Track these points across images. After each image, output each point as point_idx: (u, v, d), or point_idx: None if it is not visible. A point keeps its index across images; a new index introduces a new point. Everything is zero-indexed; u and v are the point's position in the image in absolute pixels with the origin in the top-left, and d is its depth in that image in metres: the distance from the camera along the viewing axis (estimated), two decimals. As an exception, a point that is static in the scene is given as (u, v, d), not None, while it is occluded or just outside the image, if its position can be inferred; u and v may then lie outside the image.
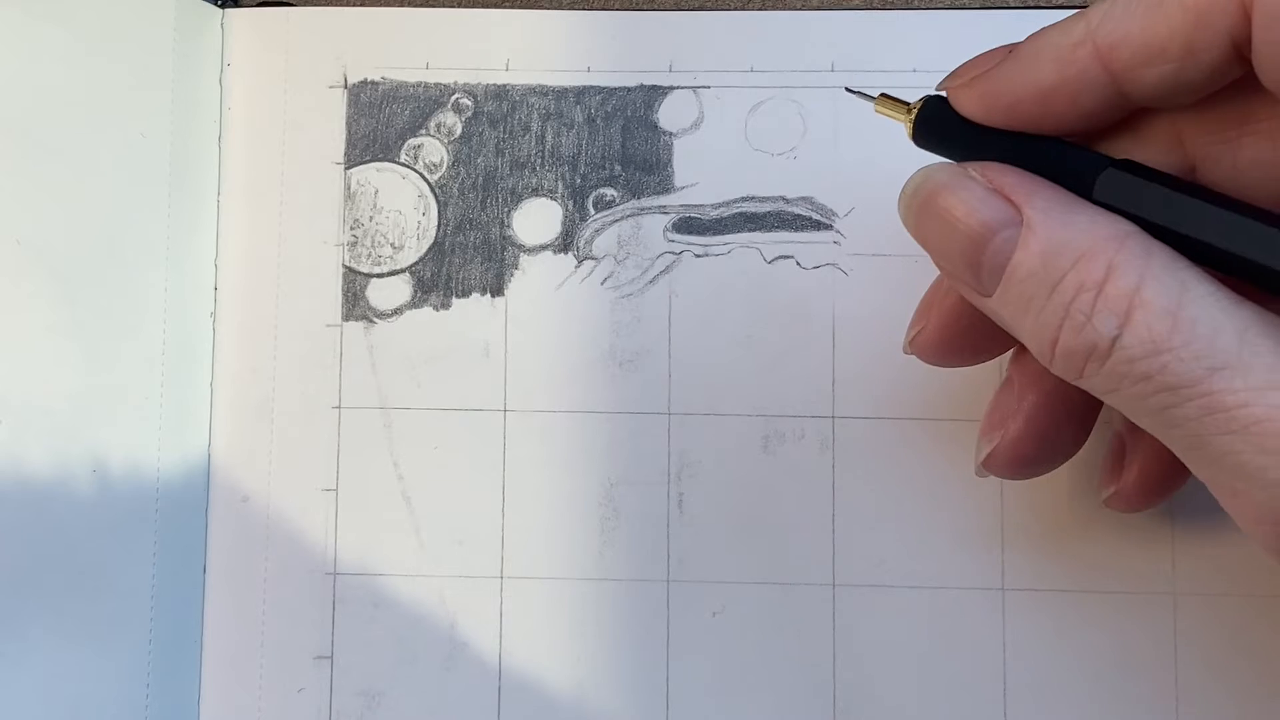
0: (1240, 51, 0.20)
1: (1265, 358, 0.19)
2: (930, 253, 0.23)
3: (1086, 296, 0.20)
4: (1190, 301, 0.19)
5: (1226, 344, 0.19)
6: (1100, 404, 0.25)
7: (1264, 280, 0.20)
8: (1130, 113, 0.22)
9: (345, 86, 0.32)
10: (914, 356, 0.27)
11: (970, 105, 0.23)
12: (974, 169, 0.22)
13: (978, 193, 0.22)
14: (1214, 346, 0.19)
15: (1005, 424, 0.26)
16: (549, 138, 0.32)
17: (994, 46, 0.23)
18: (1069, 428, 0.23)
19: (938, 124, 0.24)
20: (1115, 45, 0.21)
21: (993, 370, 0.31)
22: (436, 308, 0.32)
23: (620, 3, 0.32)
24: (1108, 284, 0.20)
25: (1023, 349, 0.25)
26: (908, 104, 0.24)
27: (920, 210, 0.23)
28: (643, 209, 0.32)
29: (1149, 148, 0.23)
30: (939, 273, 0.26)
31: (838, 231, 0.31)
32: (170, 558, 0.31)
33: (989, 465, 0.26)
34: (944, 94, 0.24)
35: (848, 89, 0.27)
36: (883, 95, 0.25)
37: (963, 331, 0.25)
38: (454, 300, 0.32)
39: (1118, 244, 0.20)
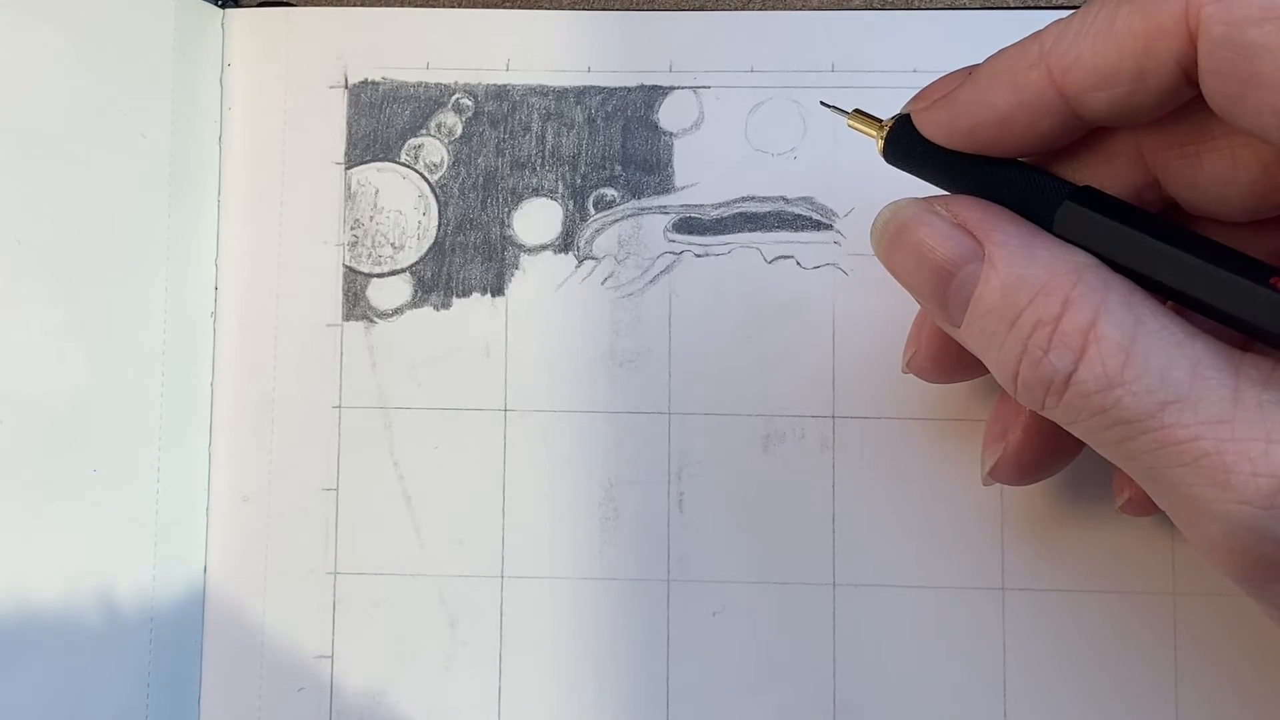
0: (1189, 76, 0.20)
1: (1216, 391, 0.19)
2: (902, 285, 0.24)
3: (1043, 331, 0.20)
4: (1144, 335, 0.20)
5: (1178, 378, 0.19)
6: None
7: (1214, 315, 0.20)
8: (1090, 131, 0.23)
9: (346, 86, 0.32)
10: (913, 376, 0.27)
11: (932, 129, 0.23)
12: (939, 204, 0.23)
13: (942, 228, 0.22)
14: (1166, 380, 0.19)
15: (1006, 435, 0.26)
16: (549, 138, 0.32)
17: (958, 68, 0.24)
18: (1069, 433, 0.24)
19: (908, 143, 0.24)
20: (1068, 69, 0.21)
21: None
22: (437, 307, 0.32)
23: (620, 3, 0.32)
24: (1063, 319, 0.20)
25: None
26: (880, 121, 0.25)
27: (889, 244, 0.23)
28: (643, 209, 0.32)
29: (1111, 164, 0.23)
30: None
31: (838, 231, 0.31)
32: (170, 557, 0.31)
33: (995, 475, 0.27)
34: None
35: (823, 103, 0.27)
36: (856, 111, 0.25)
37: (953, 353, 0.26)
38: (454, 300, 0.32)
39: (1074, 278, 0.20)
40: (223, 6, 0.33)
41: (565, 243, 0.32)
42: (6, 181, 0.28)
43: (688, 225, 0.32)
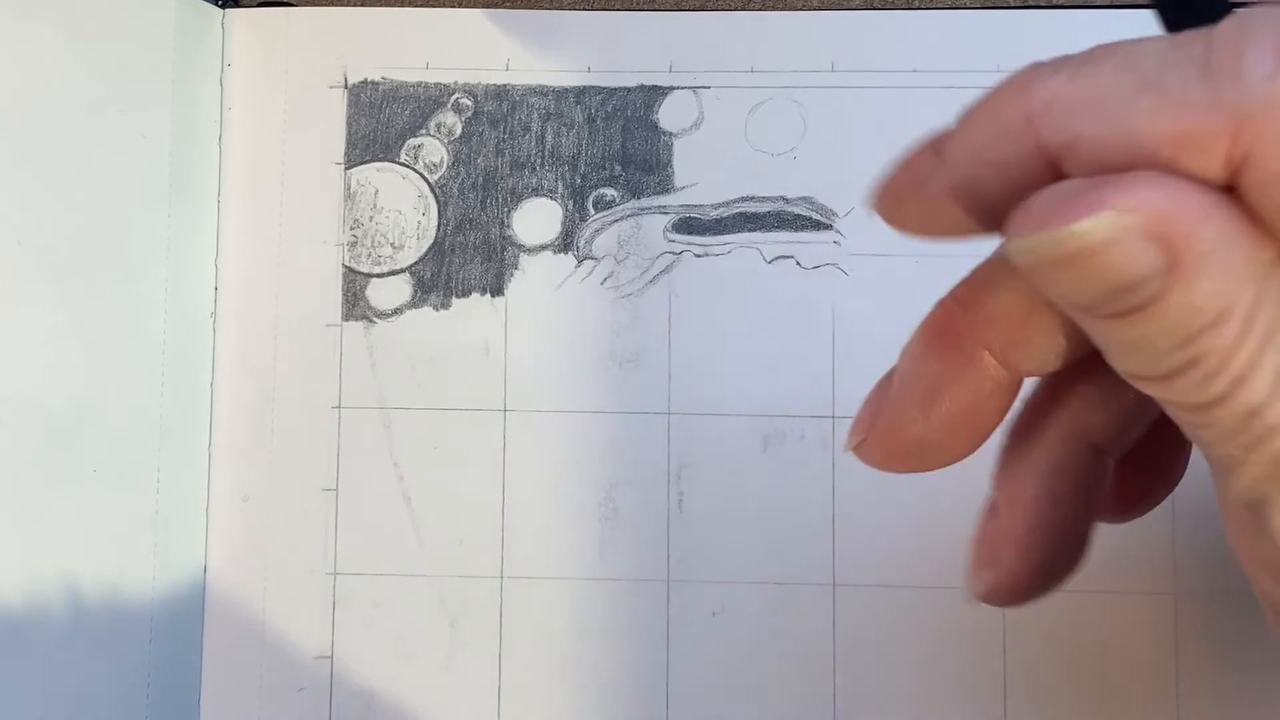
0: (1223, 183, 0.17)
1: None
2: (1037, 282, 0.18)
3: (1216, 358, 0.17)
4: None
5: None
6: (1094, 512, 0.23)
7: None
8: None
9: (345, 86, 0.32)
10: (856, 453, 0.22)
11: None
12: (1127, 200, 0.17)
13: (1137, 247, 0.17)
14: None
15: (999, 557, 0.22)
16: (549, 138, 0.32)
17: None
18: (1070, 545, 0.22)
19: None
20: (1065, 145, 0.17)
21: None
22: (436, 307, 0.32)
23: (620, 3, 0.32)
24: (1241, 346, 0.17)
25: (1005, 473, 0.23)
26: None
27: (1056, 263, 0.17)
28: (643, 209, 0.32)
29: None
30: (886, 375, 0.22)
31: (838, 231, 0.31)
32: (170, 557, 0.31)
33: (993, 601, 0.23)
34: None
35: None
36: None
37: (915, 446, 0.22)
38: (454, 300, 0.32)
39: (1254, 292, 0.17)
40: (223, 6, 0.33)
41: (565, 243, 0.32)
42: (6, 181, 0.28)
43: (687, 225, 0.32)
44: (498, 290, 0.32)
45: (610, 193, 0.32)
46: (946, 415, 0.20)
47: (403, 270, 0.32)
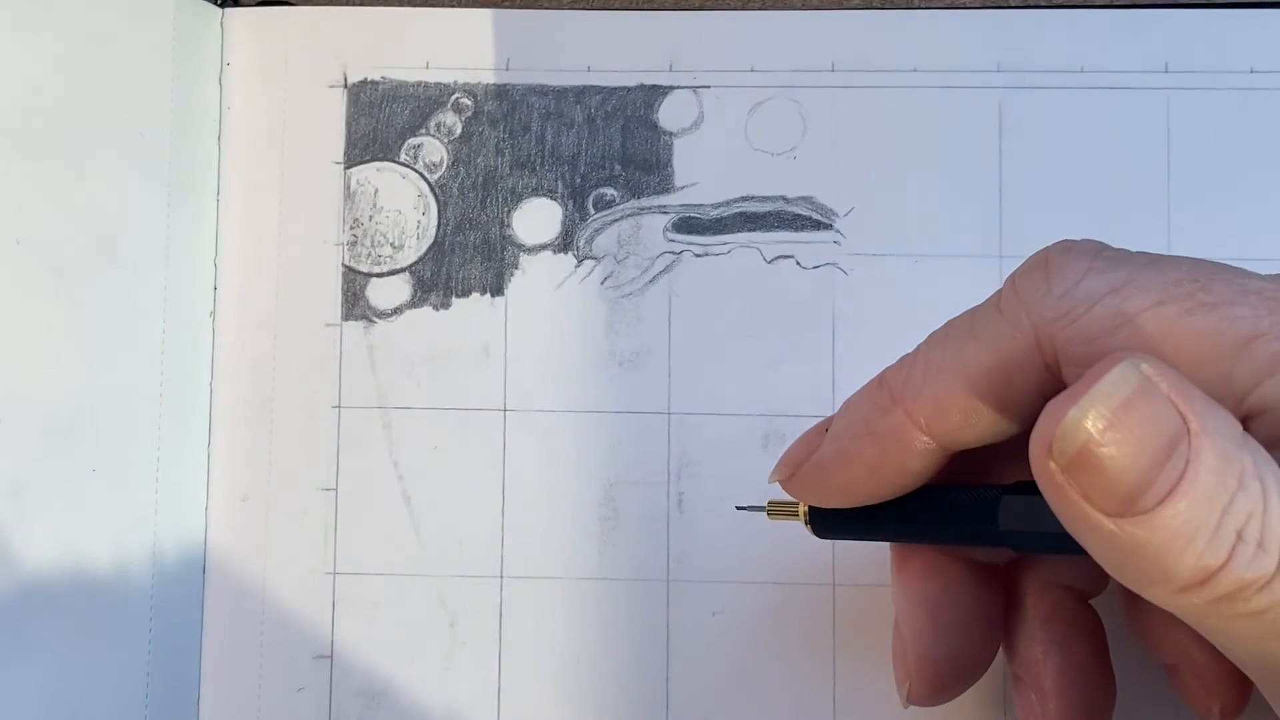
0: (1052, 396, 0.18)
1: None
2: (1055, 500, 0.17)
3: (1255, 522, 0.17)
4: None
5: None
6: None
7: None
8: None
9: (345, 86, 0.32)
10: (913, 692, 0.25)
11: (805, 493, 0.23)
12: (1153, 375, 0.17)
13: (1160, 405, 0.17)
14: None
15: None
16: (549, 137, 0.32)
17: (814, 426, 0.24)
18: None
19: (832, 515, 0.24)
20: (930, 414, 0.20)
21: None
22: (436, 307, 0.32)
23: (620, 2, 0.32)
24: (1270, 505, 0.17)
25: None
26: (796, 506, 0.25)
27: (1076, 463, 0.17)
28: (643, 209, 0.32)
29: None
30: (895, 621, 0.26)
31: (838, 231, 0.31)
32: (169, 558, 0.31)
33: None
34: None
35: (738, 507, 0.27)
36: (771, 503, 0.25)
37: (947, 671, 0.24)
38: (454, 300, 0.32)
39: (1252, 452, 0.17)
40: (222, 6, 0.33)
41: (565, 242, 0.32)
42: (6, 181, 0.28)
43: (687, 225, 0.31)
44: (498, 290, 0.32)
45: (610, 192, 0.32)
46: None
47: (402, 270, 0.32)
